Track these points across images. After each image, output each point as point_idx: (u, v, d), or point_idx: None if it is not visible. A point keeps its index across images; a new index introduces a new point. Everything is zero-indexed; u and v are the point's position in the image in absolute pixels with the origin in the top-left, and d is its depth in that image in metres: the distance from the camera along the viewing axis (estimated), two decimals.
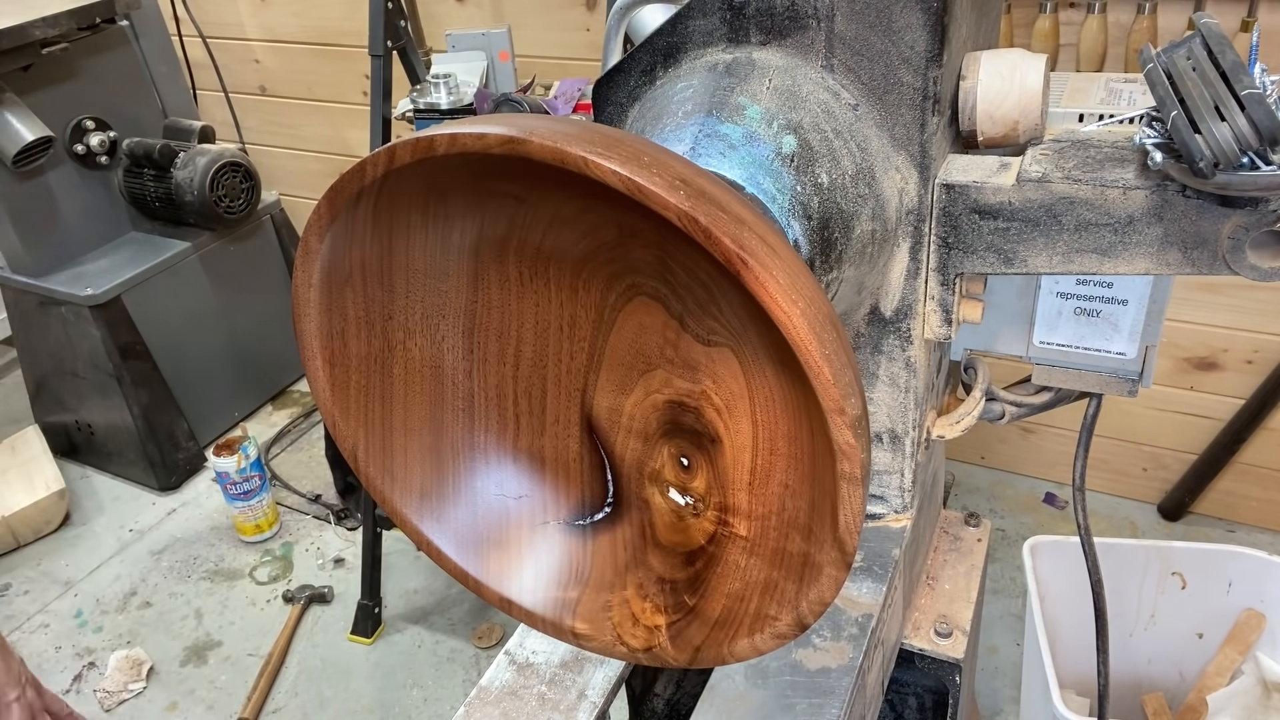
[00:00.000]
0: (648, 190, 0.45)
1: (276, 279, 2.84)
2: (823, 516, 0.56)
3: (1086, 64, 1.80)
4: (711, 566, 0.64)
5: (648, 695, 1.13)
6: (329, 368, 0.62)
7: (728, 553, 0.63)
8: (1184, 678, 1.76)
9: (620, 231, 0.56)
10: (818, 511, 0.57)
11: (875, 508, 0.92)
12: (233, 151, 2.55)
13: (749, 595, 0.62)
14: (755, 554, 0.62)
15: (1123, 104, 0.90)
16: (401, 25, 2.00)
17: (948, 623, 0.98)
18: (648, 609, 0.65)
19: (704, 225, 0.45)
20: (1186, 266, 0.70)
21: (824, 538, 0.55)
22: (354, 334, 0.62)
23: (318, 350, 0.61)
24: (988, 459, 2.53)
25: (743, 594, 0.62)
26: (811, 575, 0.57)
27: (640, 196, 0.45)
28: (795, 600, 0.59)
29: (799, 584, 0.59)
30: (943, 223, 0.76)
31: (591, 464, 0.68)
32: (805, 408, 0.55)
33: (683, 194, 0.46)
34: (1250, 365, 2.09)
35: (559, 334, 0.63)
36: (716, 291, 0.56)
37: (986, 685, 1.99)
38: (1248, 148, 0.61)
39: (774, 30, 0.74)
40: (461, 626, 2.25)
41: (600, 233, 0.57)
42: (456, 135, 0.48)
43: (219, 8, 2.89)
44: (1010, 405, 0.95)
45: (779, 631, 0.60)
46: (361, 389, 0.64)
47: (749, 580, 0.62)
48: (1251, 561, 1.62)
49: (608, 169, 0.45)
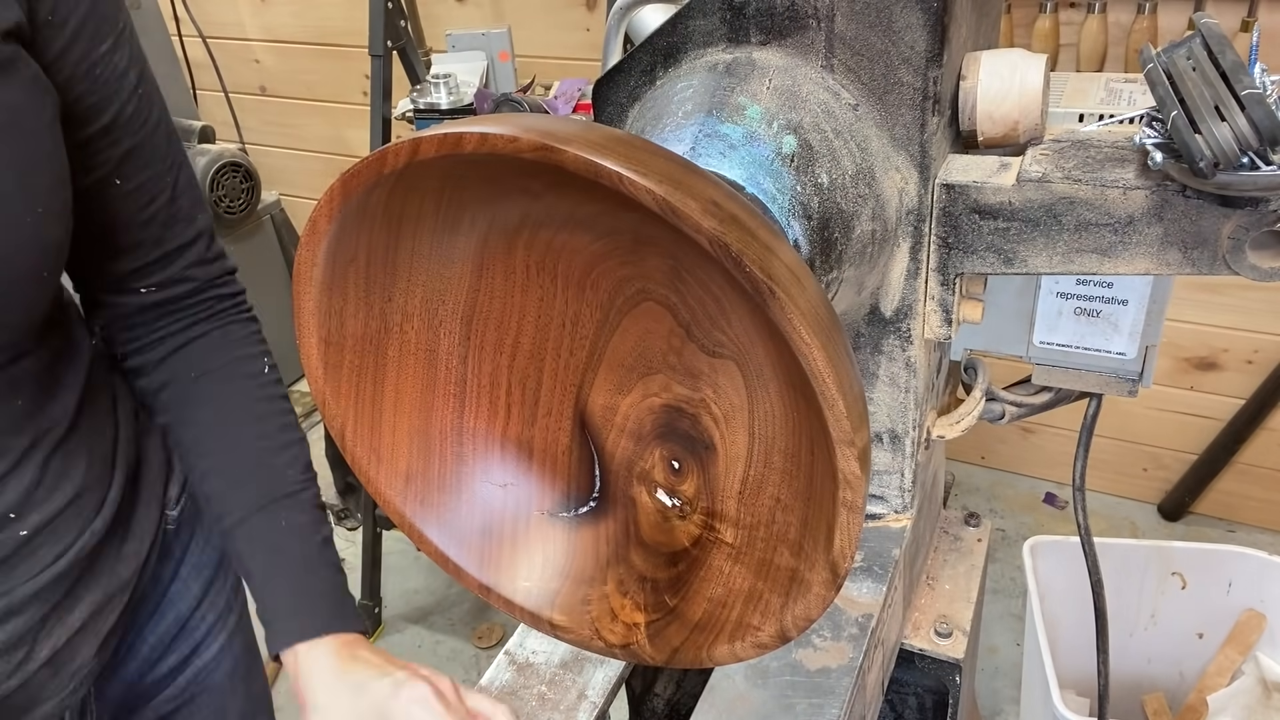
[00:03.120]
0: (682, 213, 0.45)
1: (276, 279, 2.84)
2: (815, 536, 0.55)
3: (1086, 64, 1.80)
4: (694, 569, 0.64)
5: (648, 695, 1.13)
6: (324, 346, 0.62)
7: (712, 557, 0.63)
8: (1184, 678, 1.76)
9: (636, 237, 0.56)
10: (810, 529, 0.57)
11: (875, 508, 0.92)
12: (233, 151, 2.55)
13: (731, 602, 0.62)
14: (740, 562, 0.62)
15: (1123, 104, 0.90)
16: (401, 25, 2.00)
17: (948, 623, 0.98)
18: (627, 605, 0.65)
19: (735, 252, 0.45)
20: (1186, 266, 0.70)
21: (815, 557, 0.55)
22: (352, 314, 0.62)
23: (314, 328, 0.61)
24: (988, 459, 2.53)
25: (725, 600, 0.62)
26: (799, 591, 0.57)
27: (674, 218, 0.45)
28: (780, 613, 0.59)
29: (785, 598, 0.58)
30: (943, 223, 0.76)
31: (580, 458, 0.68)
32: (808, 428, 0.55)
33: (715, 219, 0.46)
34: (1250, 365, 2.09)
35: (560, 329, 0.63)
36: (727, 305, 0.56)
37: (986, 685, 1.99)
38: (1248, 148, 0.61)
39: (774, 30, 0.74)
40: (461, 626, 2.25)
41: (615, 236, 0.57)
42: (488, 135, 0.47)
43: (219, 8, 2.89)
44: (1010, 405, 0.95)
45: (760, 641, 0.60)
46: (354, 369, 0.64)
47: (732, 587, 0.62)
48: (1251, 561, 1.62)
49: (643, 187, 0.45)
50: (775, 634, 0.59)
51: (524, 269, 0.61)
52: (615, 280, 0.59)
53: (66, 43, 0.64)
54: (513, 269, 0.62)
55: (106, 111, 0.68)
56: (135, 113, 0.71)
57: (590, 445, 0.67)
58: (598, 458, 0.67)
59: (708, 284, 0.56)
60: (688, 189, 0.46)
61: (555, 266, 0.61)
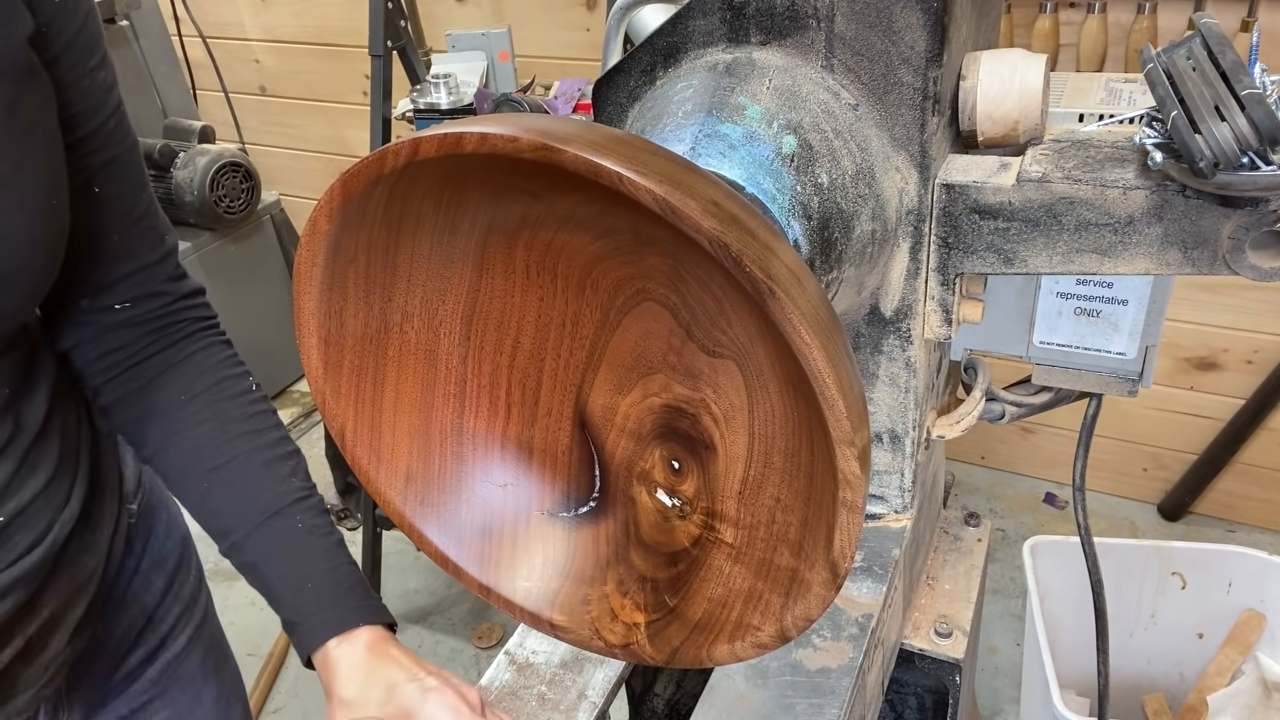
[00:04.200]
0: (682, 213, 0.45)
1: (276, 279, 2.84)
2: (815, 535, 0.55)
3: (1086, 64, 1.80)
4: (694, 569, 0.63)
5: (648, 695, 1.13)
6: (324, 346, 0.62)
7: (712, 557, 0.63)
8: (1184, 678, 1.76)
9: (636, 237, 0.56)
10: (810, 529, 0.57)
11: (875, 508, 0.92)
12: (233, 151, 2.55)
13: (731, 602, 0.62)
14: (740, 562, 0.62)
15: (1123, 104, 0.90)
16: (401, 25, 2.00)
17: (948, 623, 0.98)
18: (627, 605, 0.65)
19: (735, 252, 0.45)
20: (1186, 266, 0.70)
21: (815, 557, 0.55)
22: (352, 314, 0.62)
23: (314, 328, 0.61)
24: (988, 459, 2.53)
25: (725, 600, 0.62)
26: (799, 591, 0.57)
27: (674, 218, 0.45)
28: (780, 613, 0.59)
29: (785, 598, 0.58)
30: (943, 223, 0.76)
31: (580, 458, 0.68)
32: (807, 428, 0.55)
33: (716, 220, 0.46)
34: (1250, 365, 2.09)
35: (560, 329, 0.63)
36: (727, 305, 0.56)
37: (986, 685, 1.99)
38: (1248, 148, 0.61)
39: (774, 30, 0.74)
40: (461, 626, 2.25)
41: (615, 236, 0.57)
42: (488, 135, 0.47)
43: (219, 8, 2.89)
44: (1010, 405, 0.95)
45: (760, 641, 0.60)
46: (354, 369, 0.64)
47: (732, 587, 0.62)
48: (1251, 561, 1.62)
49: (643, 188, 0.45)
50: (775, 634, 0.59)
51: (524, 269, 0.61)
52: (615, 280, 0.59)
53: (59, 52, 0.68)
54: (513, 269, 0.62)
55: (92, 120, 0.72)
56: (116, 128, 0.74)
57: (590, 445, 0.67)
58: (598, 458, 0.67)
59: (708, 284, 0.56)
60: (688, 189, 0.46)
61: (555, 266, 0.61)
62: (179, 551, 0.92)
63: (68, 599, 0.76)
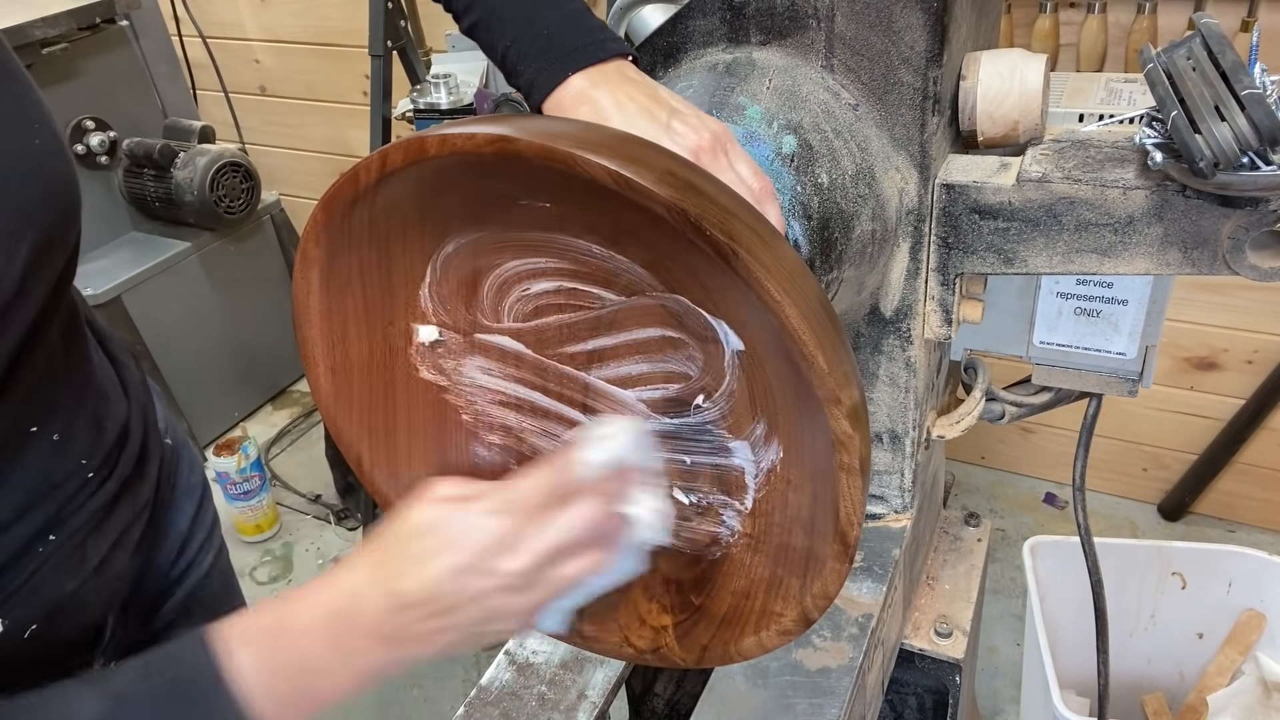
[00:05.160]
0: (636, 184, 0.45)
1: (276, 279, 2.84)
2: (825, 510, 0.56)
3: (1086, 64, 1.80)
4: (718, 565, 0.64)
5: (648, 695, 1.13)
6: (331, 375, 0.62)
7: (732, 549, 0.63)
8: (1184, 678, 1.76)
9: (617, 231, 0.56)
10: (820, 505, 0.57)
11: (875, 508, 0.92)
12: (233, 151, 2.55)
13: (754, 592, 0.62)
14: (759, 550, 0.62)
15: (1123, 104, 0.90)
16: (401, 25, 2.00)
17: (948, 623, 0.98)
18: (654, 609, 0.65)
19: (693, 218, 0.45)
20: (1186, 266, 0.70)
21: (826, 531, 0.56)
22: (355, 339, 0.62)
23: (320, 358, 0.61)
24: (988, 459, 2.53)
25: (748, 591, 0.62)
26: (815, 569, 0.58)
27: (629, 191, 0.46)
28: (800, 595, 0.59)
29: (803, 579, 0.59)
30: (943, 223, 0.76)
31: None
32: (804, 402, 0.55)
33: (671, 188, 0.46)
34: (1250, 365, 2.08)
35: (559, 335, 0.63)
36: (712, 288, 0.56)
37: (986, 685, 1.99)
38: (1248, 148, 0.61)
39: (774, 30, 0.74)
40: None
41: (596, 233, 0.57)
42: (447, 136, 0.48)
43: (219, 8, 2.89)
44: (1010, 405, 0.95)
45: (784, 628, 0.60)
46: (364, 395, 0.64)
47: (754, 577, 0.62)
48: (1251, 561, 1.62)
49: (596, 164, 0.45)
50: (798, 617, 0.59)
51: (515, 279, 0.62)
52: (603, 278, 0.60)
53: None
54: (505, 281, 0.62)
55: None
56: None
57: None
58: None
59: (693, 268, 0.56)
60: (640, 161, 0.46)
61: (544, 273, 0.61)
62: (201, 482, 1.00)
63: (129, 525, 0.82)
